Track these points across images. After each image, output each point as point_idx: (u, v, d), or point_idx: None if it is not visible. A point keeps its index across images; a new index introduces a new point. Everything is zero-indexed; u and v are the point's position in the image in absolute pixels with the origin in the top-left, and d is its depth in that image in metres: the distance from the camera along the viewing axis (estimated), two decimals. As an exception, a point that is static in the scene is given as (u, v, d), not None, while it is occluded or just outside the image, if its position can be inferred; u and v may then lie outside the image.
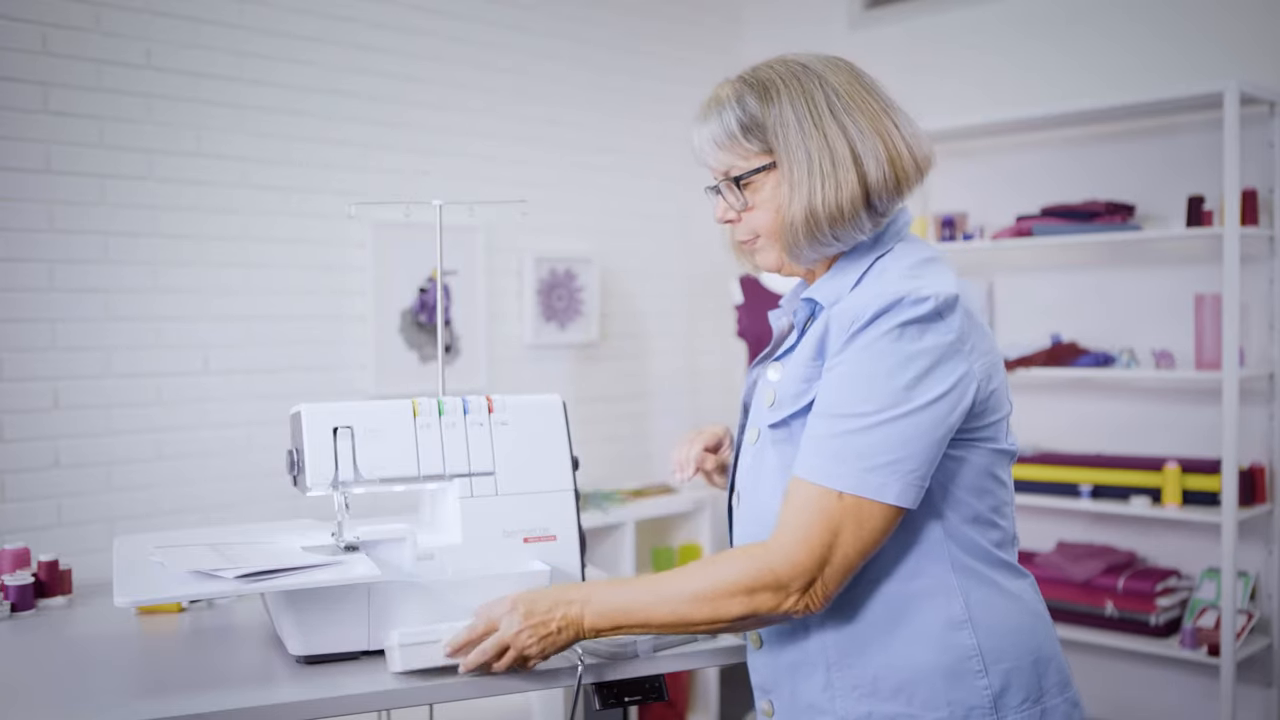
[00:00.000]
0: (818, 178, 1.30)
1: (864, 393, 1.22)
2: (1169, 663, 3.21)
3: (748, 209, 1.37)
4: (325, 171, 3.22)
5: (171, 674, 1.39)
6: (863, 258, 1.35)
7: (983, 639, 1.28)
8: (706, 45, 4.27)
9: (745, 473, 1.38)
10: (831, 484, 1.22)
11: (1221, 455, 2.92)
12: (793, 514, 1.24)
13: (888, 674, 1.28)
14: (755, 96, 1.36)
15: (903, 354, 1.23)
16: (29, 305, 2.72)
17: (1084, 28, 3.45)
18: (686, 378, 4.23)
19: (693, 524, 3.84)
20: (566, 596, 1.32)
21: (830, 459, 1.22)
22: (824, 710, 1.30)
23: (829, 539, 1.22)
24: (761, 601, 1.24)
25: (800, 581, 1.23)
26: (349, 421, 1.49)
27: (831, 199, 1.30)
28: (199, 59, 2.98)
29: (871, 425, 1.21)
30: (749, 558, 1.25)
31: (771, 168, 1.34)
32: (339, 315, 3.27)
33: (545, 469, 1.56)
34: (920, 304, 1.23)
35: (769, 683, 1.37)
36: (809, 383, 1.29)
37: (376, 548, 1.46)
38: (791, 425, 1.31)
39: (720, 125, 1.38)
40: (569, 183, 3.81)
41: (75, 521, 2.78)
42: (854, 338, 1.24)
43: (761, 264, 1.42)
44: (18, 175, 2.70)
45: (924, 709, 1.26)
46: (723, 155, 1.38)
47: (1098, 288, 3.39)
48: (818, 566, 1.23)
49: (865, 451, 1.21)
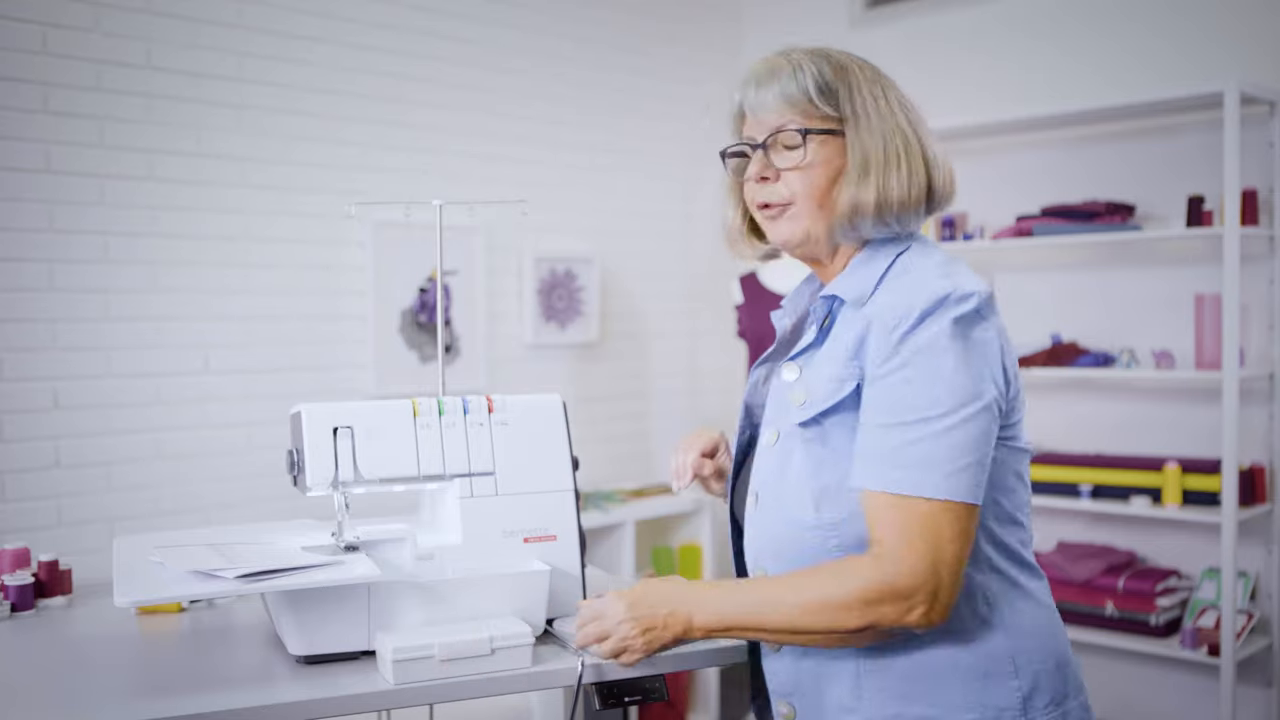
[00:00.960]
0: (893, 159, 1.32)
1: (932, 395, 1.21)
2: (1169, 663, 3.21)
3: (796, 168, 1.34)
4: (325, 171, 3.22)
5: (171, 674, 1.38)
6: (883, 254, 1.35)
7: (1014, 640, 1.28)
8: (707, 45, 4.27)
9: (765, 475, 1.35)
10: (923, 492, 1.20)
11: (1221, 455, 2.92)
12: (894, 528, 1.21)
13: (919, 676, 1.27)
14: (831, 68, 1.35)
15: (961, 352, 1.22)
16: (29, 305, 2.72)
17: (1084, 28, 3.45)
18: (686, 378, 4.23)
19: (693, 524, 3.84)
20: (679, 594, 1.31)
21: (916, 467, 1.20)
22: (852, 710, 1.29)
23: (937, 546, 1.20)
24: (884, 614, 1.21)
25: (925, 592, 1.20)
26: (349, 421, 1.49)
27: (905, 183, 1.32)
28: (199, 59, 2.98)
29: (949, 428, 1.21)
30: (858, 571, 1.22)
31: (839, 134, 1.34)
32: (339, 315, 3.27)
33: (545, 469, 1.56)
34: (966, 301, 1.24)
35: (789, 686, 1.34)
36: (843, 381, 1.27)
37: (376, 548, 1.46)
38: (824, 424, 1.29)
39: (795, 84, 1.34)
40: (569, 183, 3.81)
41: (75, 521, 2.78)
42: (905, 339, 1.23)
43: (778, 235, 1.38)
44: (18, 175, 2.70)
45: (952, 710, 1.25)
46: (788, 113, 1.34)
47: (1098, 288, 3.39)
48: (935, 575, 1.20)
49: (947, 455, 1.20)
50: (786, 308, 1.50)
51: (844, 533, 1.27)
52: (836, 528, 1.27)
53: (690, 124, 4.20)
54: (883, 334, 1.25)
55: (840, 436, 1.28)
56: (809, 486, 1.28)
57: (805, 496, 1.28)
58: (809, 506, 1.28)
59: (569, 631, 1.46)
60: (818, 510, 1.28)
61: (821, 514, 1.27)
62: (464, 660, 1.35)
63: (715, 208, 4.22)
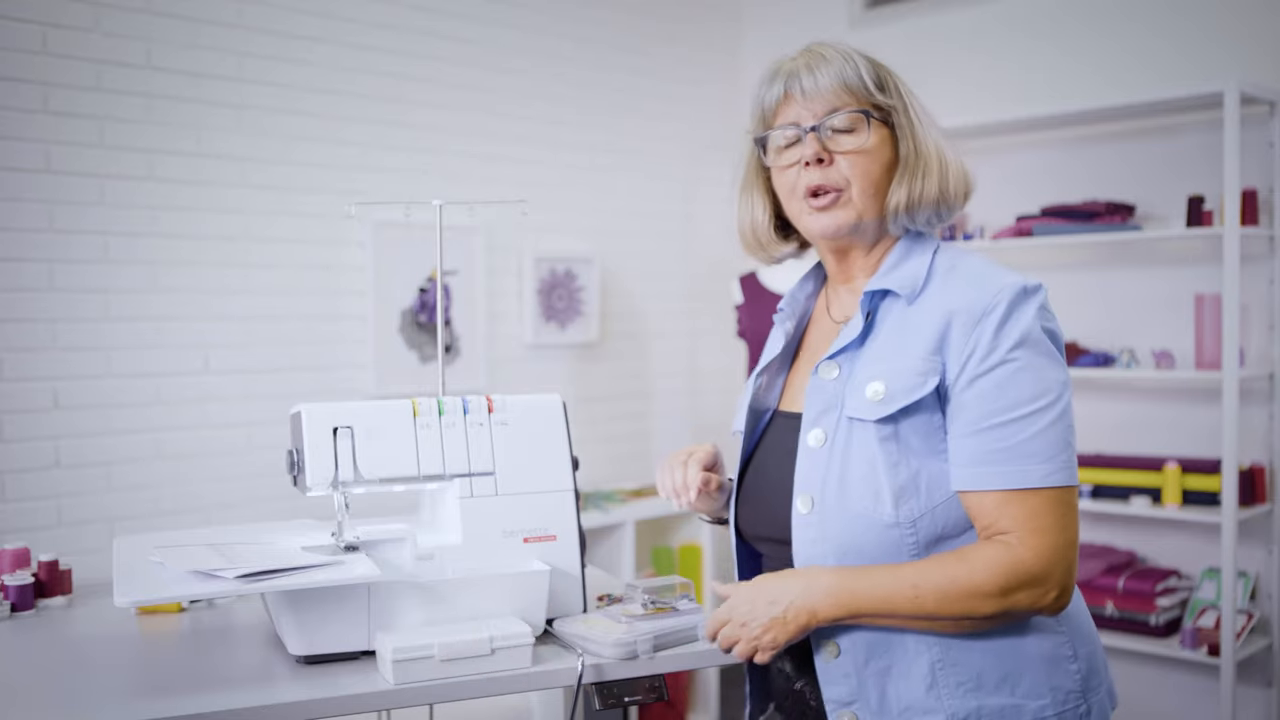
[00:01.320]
0: (946, 152, 1.36)
1: (1040, 386, 1.24)
2: (1169, 663, 3.21)
3: (853, 152, 1.34)
4: (325, 171, 3.22)
5: (171, 674, 1.38)
6: (919, 249, 1.37)
7: (1070, 625, 1.31)
8: (706, 45, 4.27)
9: (816, 476, 1.31)
10: (1047, 483, 1.23)
11: (1221, 455, 2.92)
12: (1022, 518, 1.23)
13: (994, 666, 1.27)
14: (873, 63, 1.38)
15: (1049, 342, 1.27)
16: (29, 305, 2.72)
17: (1084, 28, 3.45)
18: (686, 378, 4.23)
19: (693, 524, 3.84)
20: (799, 588, 1.28)
21: (1038, 459, 1.23)
22: (929, 710, 1.27)
23: (1063, 530, 1.24)
24: (1018, 600, 1.23)
25: (1057, 576, 1.23)
26: (349, 421, 1.49)
27: (960, 175, 1.36)
28: (199, 59, 2.98)
29: (1058, 416, 1.24)
30: (993, 557, 1.23)
31: (890, 126, 1.36)
32: (339, 315, 3.27)
33: (545, 469, 1.56)
34: (1039, 291, 1.29)
35: (851, 693, 1.30)
36: (925, 376, 1.27)
37: (376, 548, 1.46)
38: (900, 421, 1.28)
39: (852, 68, 1.35)
40: (569, 183, 3.81)
41: (75, 521, 2.78)
42: (1001, 332, 1.25)
43: (827, 223, 1.36)
44: (18, 175, 2.70)
45: (1028, 698, 1.27)
46: (845, 96, 1.35)
47: (1098, 288, 3.39)
48: (1064, 560, 1.23)
49: (1058, 443, 1.24)
50: (786, 310, 1.49)
51: (920, 529, 1.27)
52: (914, 525, 1.27)
53: (690, 124, 4.20)
54: (968, 328, 1.26)
55: (913, 432, 1.28)
56: (887, 484, 1.27)
57: (883, 494, 1.27)
58: (888, 504, 1.27)
59: (569, 632, 1.46)
60: (897, 507, 1.27)
61: (900, 511, 1.27)
62: (464, 660, 1.35)
63: (715, 208, 4.23)
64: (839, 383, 1.33)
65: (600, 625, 1.45)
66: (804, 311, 1.51)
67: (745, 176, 1.48)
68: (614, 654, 1.41)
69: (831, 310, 1.47)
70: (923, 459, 1.27)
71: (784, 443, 1.39)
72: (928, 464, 1.27)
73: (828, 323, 1.46)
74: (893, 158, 1.36)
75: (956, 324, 1.27)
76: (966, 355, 1.26)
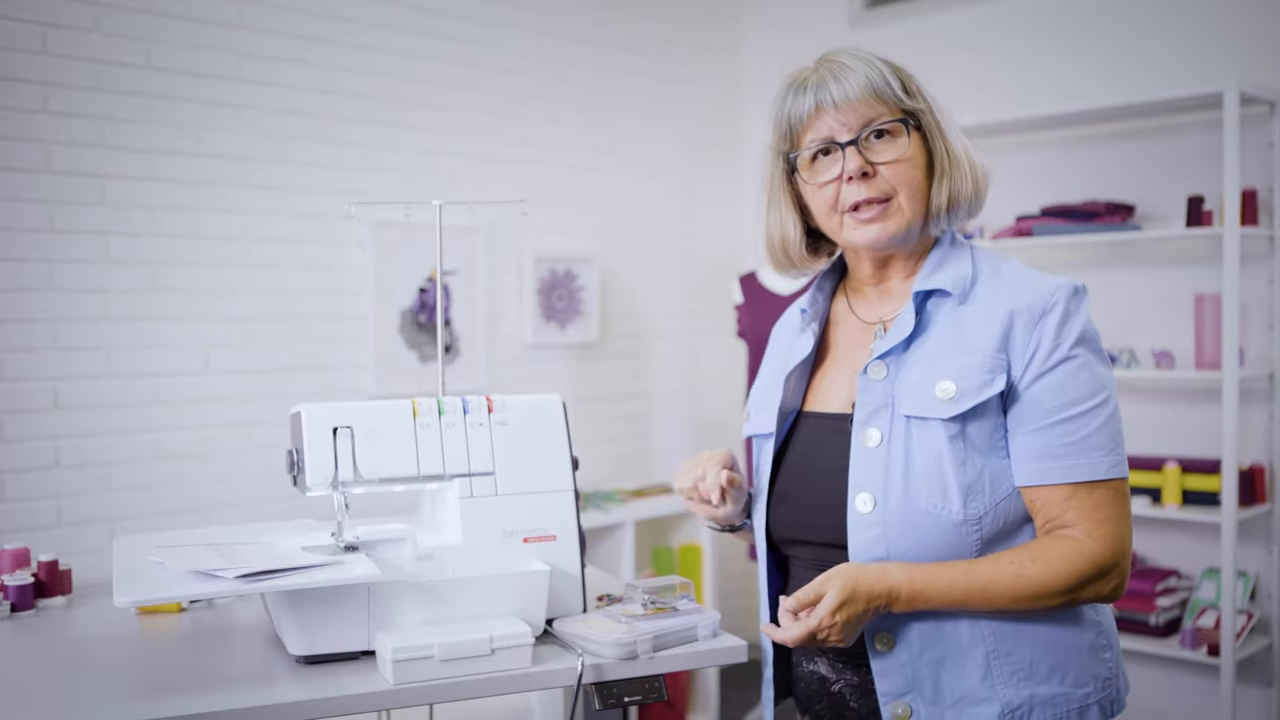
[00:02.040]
0: (967, 157, 1.37)
1: (1097, 381, 1.29)
2: (1169, 663, 3.21)
3: (896, 161, 1.34)
4: (325, 171, 3.22)
5: (171, 674, 1.38)
6: (959, 251, 1.39)
7: (1102, 614, 1.36)
8: (706, 45, 4.27)
9: (876, 475, 1.31)
10: (1111, 474, 1.28)
11: (1221, 455, 2.92)
12: (1087, 511, 1.27)
13: (1044, 655, 1.30)
14: (893, 67, 1.38)
15: (1097, 337, 1.32)
16: (29, 305, 2.72)
17: (1084, 28, 3.45)
18: (686, 378, 4.23)
19: (693, 524, 3.84)
20: (884, 585, 1.26)
21: (1101, 452, 1.28)
22: (984, 699, 1.28)
23: (1123, 520, 1.29)
24: (1086, 592, 1.28)
25: (1119, 567, 1.28)
26: (349, 421, 1.49)
27: (983, 174, 1.37)
28: (199, 59, 2.98)
29: (1112, 411, 1.30)
30: (1064, 552, 1.26)
31: (920, 129, 1.36)
32: (339, 315, 3.27)
33: (545, 469, 1.56)
34: (1085, 291, 1.33)
35: (905, 684, 1.30)
36: (993, 374, 1.29)
37: (376, 548, 1.46)
38: (968, 420, 1.29)
39: (879, 74, 1.35)
40: (569, 183, 3.81)
41: (75, 521, 2.78)
42: (1061, 331, 1.29)
43: (875, 234, 1.35)
44: (18, 175, 2.70)
45: (1076, 686, 1.30)
46: (877, 105, 1.34)
47: (1098, 288, 3.35)
48: (1124, 550, 1.29)
49: (1113, 436, 1.30)
50: (810, 312, 1.48)
51: (985, 526, 1.29)
52: (979, 522, 1.29)
53: (690, 124, 4.20)
54: (1030, 326, 1.29)
55: (978, 431, 1.29)
56: (955, 482, 1.28)
57: (951, 492, 1.28)
58: (956, 502, 1.28)
59: (569, 632, 1.46)
60: (965, 505, 1.28)
61: (969, 509, 1.28)
62: (464, 660, 1.35)
63: (715, 208, 4.23)
64: (888, 382, 1.34)
65: (600, 625, 1.45)
66: (823, 311, 1.50)
67: (770, 192, 1.46)
68: (614, 654, 1.41)
69: (858, 310, 1.46)
70: (986, 456, 1.29)
71: (825, 443, 1.39)
72: (990, 461, 1.29)
73: (855, 323, 1.46)
74: (928, 160, 1.37)
75: (1019, 322, 1.30)
76: (1031, 353, 1.29)
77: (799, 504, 1.41)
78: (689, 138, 4.18)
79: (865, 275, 1.45)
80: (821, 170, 1.37)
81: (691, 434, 4.22)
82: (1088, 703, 1.30)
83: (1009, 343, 1.29)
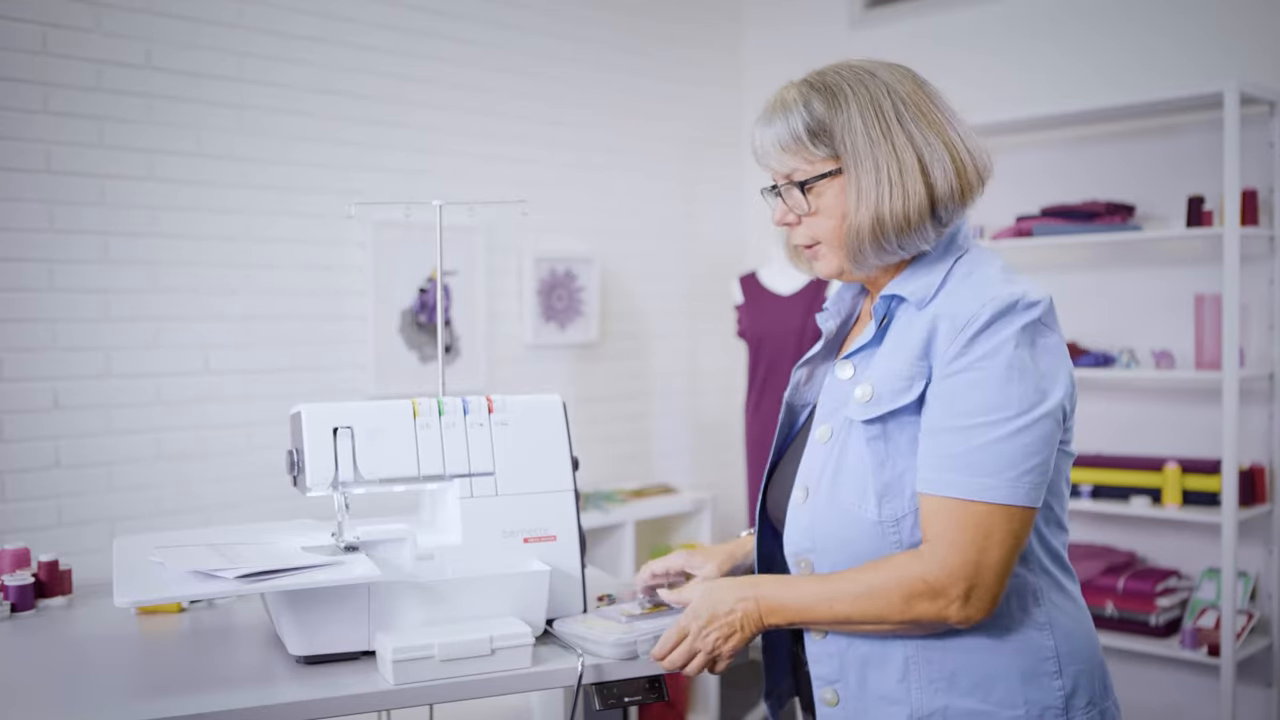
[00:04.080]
0: (885, 186, 1.30)
1: (999, 398, 1.22)
2: (1169, 663, 3.21)
3: (811, 214, 1.36)
4: (325, 171, 3.22)
5: (171, 674, 1.38)
6: (941, 259, 1.35)
7: (1059, 641, 1.30)
8: (706, 45, 4.27)
9: (817, 470, 1.35)
10: (983, 497, 1.22)
11: (1221, 455, 2.92)
12: (943, 528, 1.23)
13: (967, 670, 1.28)
14: (823, 101, 1.34)
15: (1027, 357, 1.24)
16: (29, 305, 2.72)
17: (1084, 28, 3.45)
18: (686, 378, 4.23)
19: (693, 524, 3.84)
20: (742, 594, 1.33)
21: (978, 472, 1.22)
22: (897, 701, 1.29)
23: (982, 546, 1.22)
24: (921, 609, 1.24)
25: (959, 589, 1.22)
26: (349, 422, 1.49)
27: (900, 208, 1.30)
28: (199, 59, 2.98)
29: (1014, 431, 1.22)
30: (902, 566, 1.25)
31: (837, 174, 1.33)
32: (339, 315, 3.27)
33: (545, 469, 1.56)
34: (1034, 307, 1.25)
35: (834, 673, 1.34)
36: (911, 380, 1.28)
37: (376, 548, 1.46)
38: (888, 422, 1.29)
39: (786, 128, 1.35)
40: (569, 183, 3.81)
41: (75, 521, 2.78)
42: (973, 342, 1.24)
43: (820, 271, 1.40)
44: (18, 175, 2.70)
45: (1000, 706, 1.27)
46: (787, 158, 1.35)
47: (1098, 288, 3.39)
48: (974, 574, 1.22)
49: (1011, 459, 1.22)
50: (830, 309, 1.50)
51: (903, 529, 1.28)
52: (897, 524, 1.28)
53: (690, 124, 4.20)
54: (951, 334, 1.26)
55: (901, 434, 1.29)
56: (872, 483, 1.29)
57: (868, 492, 1.29)
58: (871, 502, 1.29)
59: (569, 632, 1.46)
60: (880, 507, 1.28)
61: (883, 510, 1.28)
62: (464, 660, 1.35)
63: (715, 208, 4.23)
64: (851, 383, 1.35)
65: (600, 625, 1.46)
66: (850, 310, 1.51)
67: None
68: (614, 654, 1.41)
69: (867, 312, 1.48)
70: (909, 460, 1.29)
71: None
72: (912, 465, 1.28)
73: (864, 323, 1.48)
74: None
75: (942, 329, 1.27)
76: (941, 359, 1.26)
77: (778, 489, 1.47)
78: (689, 137, 4.18)
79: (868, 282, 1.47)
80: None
81: (691, 434, 4.23)
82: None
83: (931, 349, 1.28)
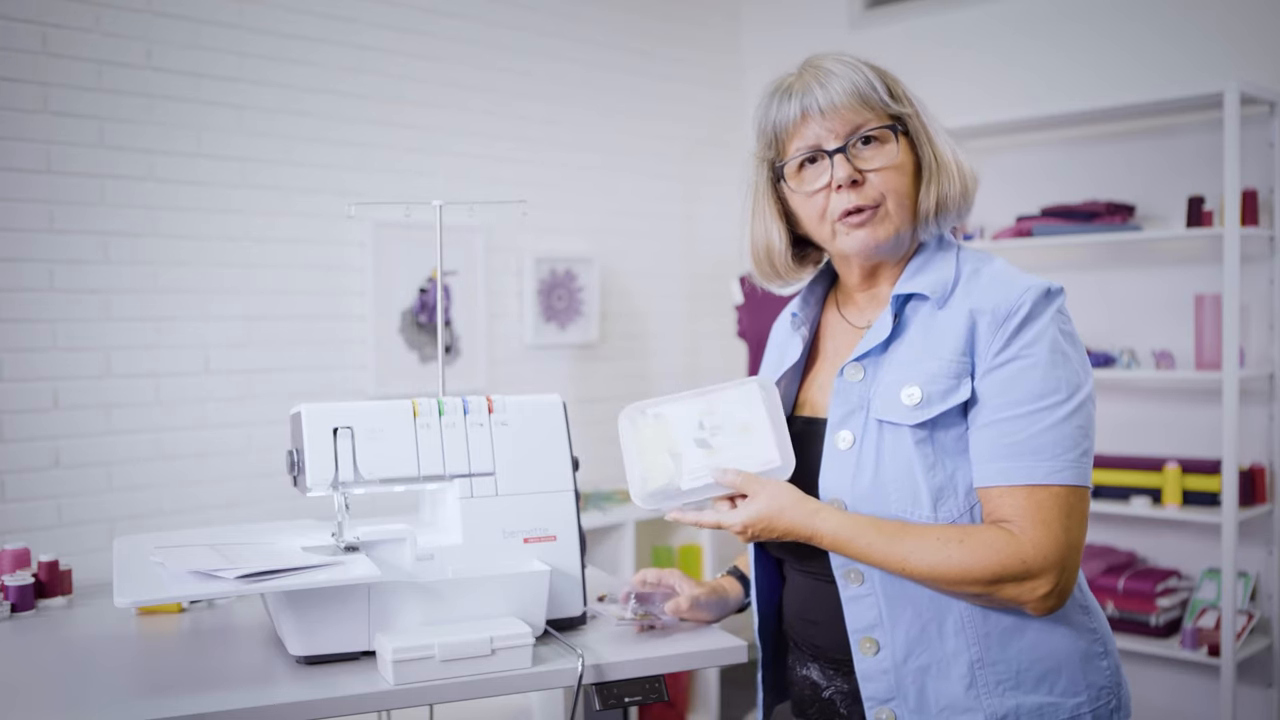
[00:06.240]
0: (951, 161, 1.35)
1: (1050, 383, 1.24)
2: (1169, 663, 3.21)
3: (887, 166, 1.32)
4: (325, 171, 3.22)
5: (171, 674, 1.38)
6: (945, 254, 1.36)
7: (1097, 622, 1.32)
8: (706, 45, 4.27)
9: (844, 479, 1.31)
10: (1054, 480, 1.22)
11: (1221, 455, 2.92)
12: (1023, 510, 1.22)
13: (1031, 665, 1.27)
14: (877, 70, 1.36)
15: (1068, 342, 1.27)
16: (29, 305, 2.72)
17: (1084, 28, 3.45)
18: (686, 378, 4.22)
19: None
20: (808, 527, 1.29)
21: (1045, 456, 1.22)
22: (968, 709, 1.26)
23: (1066, 526, 1.22)
24: (1005, 591, 1.23)
25: (1053, 574, 1.22)
26: (349, 422, 1.48)
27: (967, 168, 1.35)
28: (199, 59, 2.98)
29: (1068, 414, 1.23)
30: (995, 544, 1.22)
31: (904, 133, 1.34)
32: (339, 315, 3.27)
33: (545, 469, 1.56)
34: (1060, 295, 1.29)
35: (889, 690, 1.29)
36: (959, 379, 1.27)
37: (376, 548, 1.46)
38: (935, 424, 1.27)
39: (865, 78, 1.33)
40: (569, 183, 3.81)
41: (75, 521, 2.78)
42: (1019, 331, 1.25)
43: (864, 241, 1.34)
44: (18, 175, 2.70)
45: (1065, 695, 1.27)
46: (864, 111, 1.32)
47: (1098, 288, 3.39)
48: (1064, 558, 1.22)
49: (1072, 440, 1.23)
50: (801, 316, 1.48)
51: None
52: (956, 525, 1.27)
53: (690, 124, 4.20)
54: (994, 327, 1.26)
55: (947, 434, 1.28)
56: (925, 487, 1.27)
57: (921, 497, 1.27)
58: (926, 507, 1.27)
59: (606, 610, 1.52)
60: (935, 510, 1.27)
61: (939, 513, 1.27)
62: (464, 660, 1.35)
63: (715, 207, 4.23)
64: (864, 385, 1.33)
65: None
66: (814, 317, 1.49)
67: (755, 201, 1.44)
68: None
69: (849, 315, 1.45)
70: (957, 460, 1.27)
71: (810, 447, 1.38)
72: (961, 464, 1.27)
73: (845, 328, 1.45)
74: (915, 165, 1.35)
75: (982, 324, 1.27)
76: (987, 352, 1.27)
77: None
78: (689, 137, 4.18)
79: (855, 282, 1.43)
80: (809, 179, 1.36)
81: (691, 434, 4.22)
82: (1080, 712, 1.27)
83: (973, 346, 1.27)
